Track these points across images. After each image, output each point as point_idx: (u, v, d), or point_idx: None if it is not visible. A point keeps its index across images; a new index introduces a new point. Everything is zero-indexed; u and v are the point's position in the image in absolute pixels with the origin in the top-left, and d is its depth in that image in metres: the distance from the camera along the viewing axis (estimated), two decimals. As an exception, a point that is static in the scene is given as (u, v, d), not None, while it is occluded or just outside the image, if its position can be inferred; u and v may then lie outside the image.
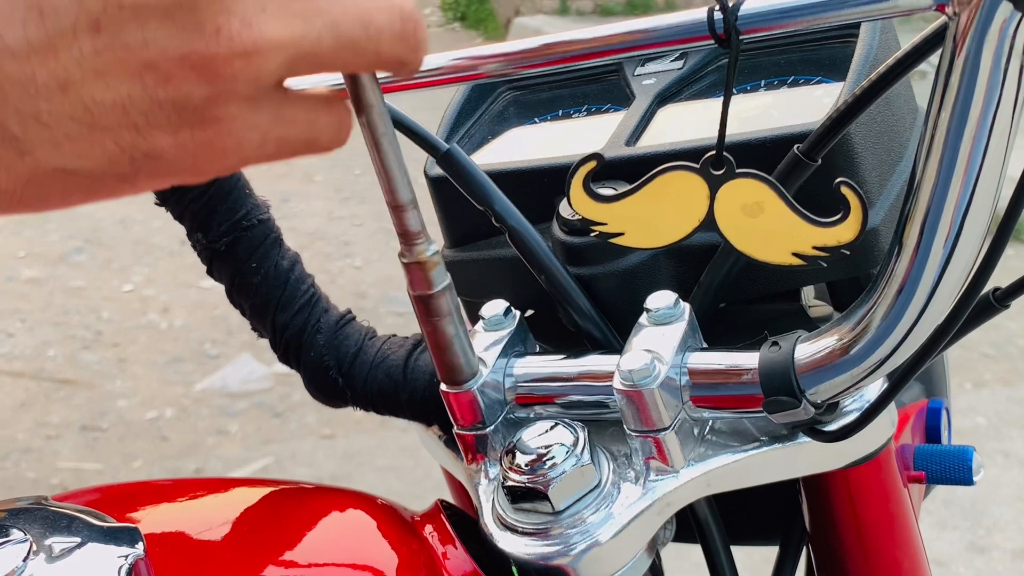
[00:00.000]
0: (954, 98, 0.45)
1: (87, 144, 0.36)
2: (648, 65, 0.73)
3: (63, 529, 0.50)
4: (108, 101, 0.35)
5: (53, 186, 0.37)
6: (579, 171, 0.53)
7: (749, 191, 0.50)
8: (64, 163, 0.36)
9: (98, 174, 0.37)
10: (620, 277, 0.62)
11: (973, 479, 0.67)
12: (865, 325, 0.50)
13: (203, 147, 0.37)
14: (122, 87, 0.35)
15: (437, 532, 0.60)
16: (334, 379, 0.65)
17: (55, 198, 0.38)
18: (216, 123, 0.37)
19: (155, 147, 0.37)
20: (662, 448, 0.56)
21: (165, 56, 0.35)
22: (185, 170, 0.38)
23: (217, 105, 0.36)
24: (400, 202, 0.50)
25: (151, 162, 0.37)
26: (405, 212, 0.50)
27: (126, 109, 0.36)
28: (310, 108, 0.40)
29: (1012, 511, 2.53)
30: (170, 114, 0.36)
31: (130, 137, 0.36)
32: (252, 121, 0.38)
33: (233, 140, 0.37)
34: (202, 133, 0.37)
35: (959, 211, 0.47)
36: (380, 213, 4.35)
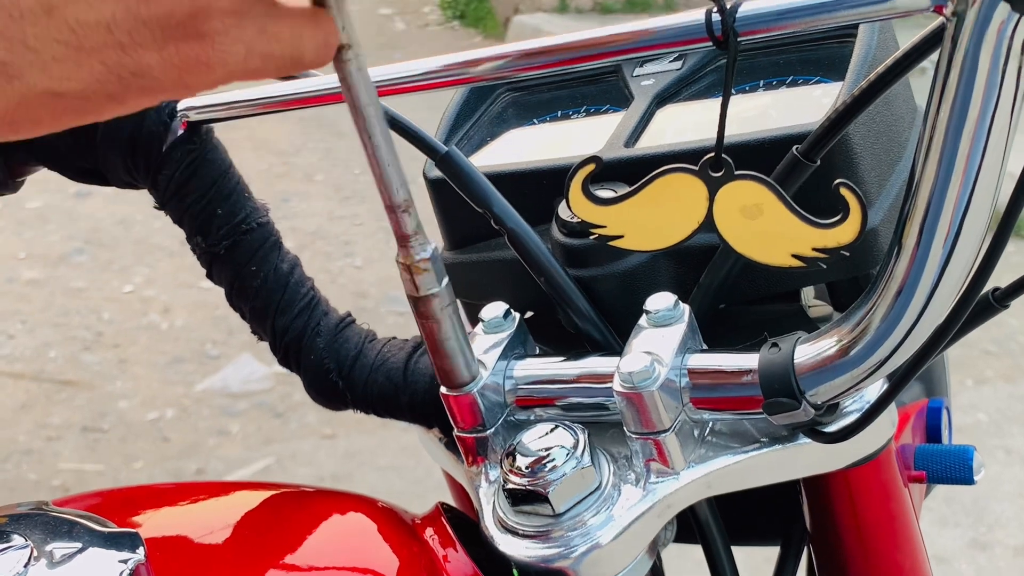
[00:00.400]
0: (952, 98, 0.45)
1: (74, 65, 0.36)
2: (647, 66, 0.73)
3: (64, 535, 0.50)
4: (92, 21, 0.36)
5: (43, 109, 0.38)
6: (578, 174, 0.53)
7: (748, 193, 0.50)
8: (53, 85, 0.37)
9: (87, 94, 0.37)
10: (619, 279, 0.62)
11: (974, 479, 0.67)
12: (865, 326, 0.50)
13: (189, 62, 0.37)
14: (105, 7, 0.36)
15: (438, 535, 0.60)
16: (334, 382, 0.65)
17: (46, 120, 0.38)
18: (200, 38, 0.37)
19: (141, 64, 0.37)
20: (662, 450, 0.56)
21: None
22: (172, 86, 0.38)
23: (200, 20, 0.37)
24: (396, 202, 0.50)
25: (138, 79, 0.37)
26: (401, 213, 0.50)
27: (110, 28, 0.36)
28: (295, 24, 0.40)
29: (1014, 508, 2.53)
30: (154, 31, 0.36)
31: (116, 56, 0.37)
32: (236, 35, 0.38)
33: (218, 54, 0.38)
34: (187, 48, 0.37)
35: (958, 211, 0.47)
36: (381, 213, 4.32)
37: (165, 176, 0.64)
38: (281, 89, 0.64)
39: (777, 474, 0.58)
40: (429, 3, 7.47)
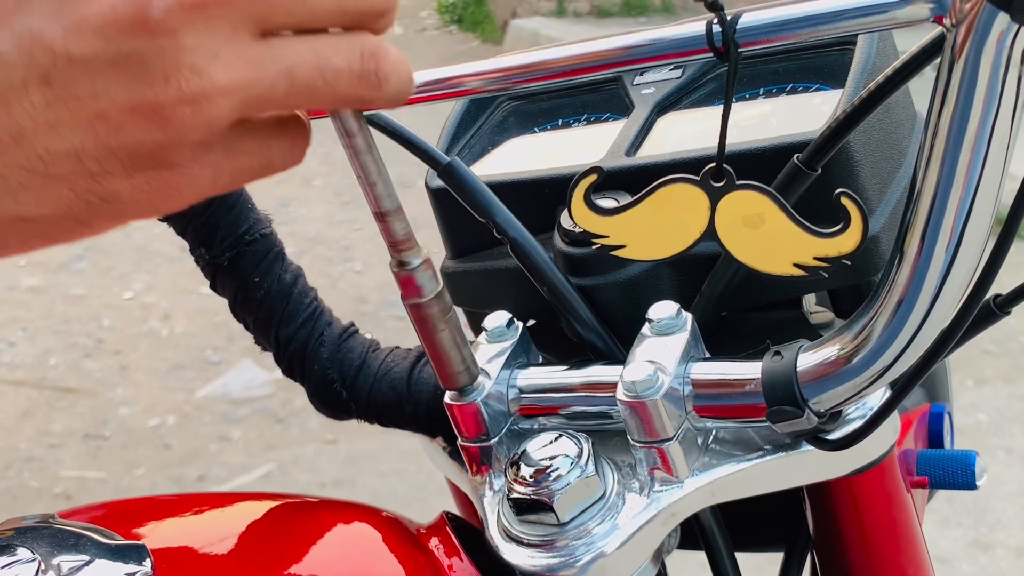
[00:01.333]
0: (953, 108, 0.45)
1: (43, 192, 0.37)
2: (647, 74, 0.73)
3: (71, 547, 0.51)
4: (62, 151, 0.36)
5: (11, 233, 0.38)
6: (580, 184, 0.53)
7: (750, 203, 0.51)
8: (20, 211, 0.37)
9: (55, 219, 0.38)
10: (622, 287, 0.63)
11: (976, 483, 0.67)
12: (867, 334, 0.51)
13: (158, 188, 0.38)
14: (75, 137, 0.36)
15: (443, 544, 0.60)
16: (338, 392, 0.65)
17: (13, 245, 0.39)
18: (169, 166, 0.37)
19: (111, 191, 0.37)
20: (666, 458, 0.56)
21: (115, 106, 0.36)
22: (141, 210, 0.38)
23: (169, 150, 0.37)
24: (385, 209, 0.50)
25: (107, 205, 0.38)
26: (391, 220, 0.50)
27: (79, 157, 0.36)
28: (262, 136, 0.40)
29: (1015, 508, 2.53)
30: (124, 160, 0.37)
31: (85, 183, 0.37)
32: (204, 160, 0.38)
33: (186, 179, 0.38)
34: (156, 175, 0.37)
35: (959, 219, 0.47)
36: (380, 217, 4.36)
37: None
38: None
39: (780, 481, 0.58)
40: (427, 7, 7.48)
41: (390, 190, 0.49)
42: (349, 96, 0.40)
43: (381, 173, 0.49)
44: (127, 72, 0.35)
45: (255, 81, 0.37)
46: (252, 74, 0.37)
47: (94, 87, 0.35)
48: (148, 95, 0.36)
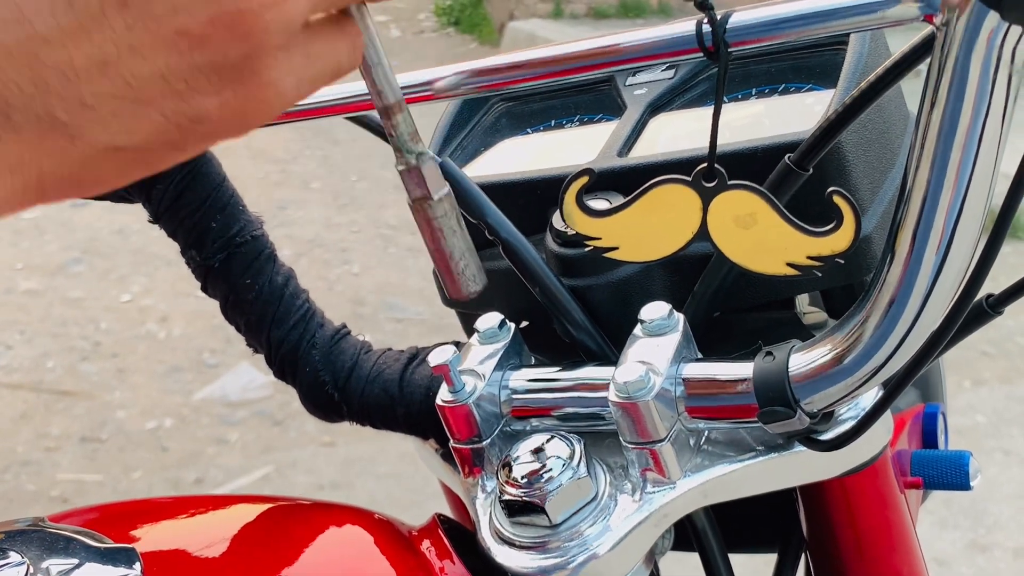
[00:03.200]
0: (944, 106, 0.45)
1: (134, 119, 0.36)
2: (639, 75, 0.73)
3: (60, 551, 0.50)
4: (147, 73, 0.36)
5: (108, 165, 0.37)
6: (572, 186, 0.53)
7: (742, 203, 0.50)
8: (114, 140, 0.36)
9: (149, 146, 0.37)
10: (614, 288, 0.62)
11: (970, 484, 0.67)
12: (859, 334, 0.51)
13: (247, 101, 0.38)
14: (159, 58, 0.36)
15: (435, 547, 0.60)
16: (330, 394, 0.65)
17: (112, 176, 0.38)
18: (255, 76, 0.37)
19: (200, 111, 0.37)
20: (658, 459, 0.56)
21: (196, 20, 0.35)
22: (231, 127, 0.38)
23: (253, 59, 0.37)
24: (389, 103, 0.49)
25: (198, 126, 0.37)
26: (395, 114, 0.50)
27: (166, 78, 0.36)
28: (329, 38, 0.41)
29: (1012, 509, 2.53)
30: (210, 76, 0.36)
31: (174, 105, 0.36)
32: (287, 67, 0.38)
33: (273, 89, 0.38)
34: (243, 89, 0.37)
35: (950, 219, 0.47)
36: (378, 219, 4.36)
37: (159, 190, 0.64)
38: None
39: (773, 482, 0.58)
40: (424, 10, 7.48)
41: (394, 83, 0.49)
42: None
43: (384, 66, 0.48)
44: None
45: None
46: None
47: (172, 4, 0.35)
48: (227, 4, 0.35)
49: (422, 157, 0.51)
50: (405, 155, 0.51)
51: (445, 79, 0.59)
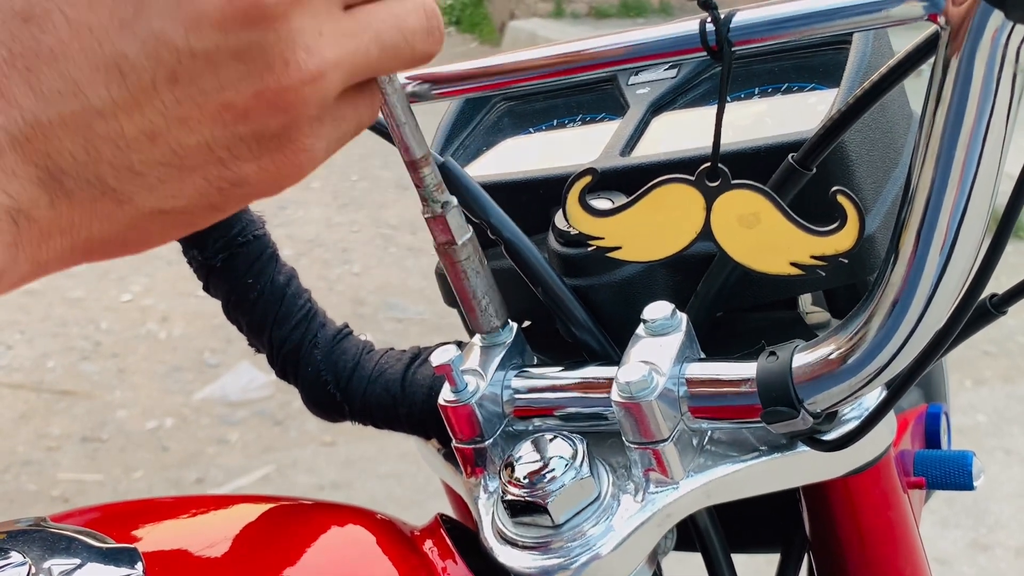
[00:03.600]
0: (948, 106, 0.45)
1: (179, 184, 0.39)
2: (642, 74, 0.73)
3: (62, 551, 0.50)
4: (193, 143, 0.38)
5: (153, 227, 0.40)
6: (575, 186, 0.53)
7: (745, 202, 0.50)
8: (160, 204, 0.39)
9: (192, 208, 0.40)
10: (617, 288, 0.62)
11: (974, 484, 0.67)
12: (862, 334, 0.50)
13: (283, 166, 0.40)
14: (204, 129, 0.38)
15: (437, 547, 0.60)
16: (332, 394, 0.65)
17: (156, 237, 0.41)
18: (291, 143, 0.40)
19: (240, 175, 0.39)
20: (661, 460, 0.56)
21: (241, 95, 0.38)
22: (267, 188, 0.41)
23: (291, 129, 0.39)
24: (415, 157, 0.54)
25: (238, 188, 0.40)
26: (421, 168, 0.54)
27: (211, 147, 0.38)
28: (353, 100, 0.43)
29: (1013, 508, 2.53)
30: (251, 145, 0.39)
31: (217, 171, 0.39)
32: (319, 133, 0.41)
33: (305, 154, 0.40)
34: (280, 155, 0.40)
35: (955, 219, 0.47)
36: (378, 219, 4.36)
37: None
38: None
39: (776, 482, 0.58)
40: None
41: (420, 138, 0.53)
42: (422, 54, 0.43)
43: (412, 124, 0.53)
44: (248, 62, 0.37)
45: (354, 51, 0.40)
46: (351, 45, 0.40)
47: (219, 80, 0.37)
48: (270, 81, 0.38)
49: (447, 206, 0.56)
50: (431, 204, 0.56)
51: (448, 78, 0.59)
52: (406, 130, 0.53)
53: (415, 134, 0.54)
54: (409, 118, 0.53)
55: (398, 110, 0.52)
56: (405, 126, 0.53)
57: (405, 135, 0.53)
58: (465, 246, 0.58)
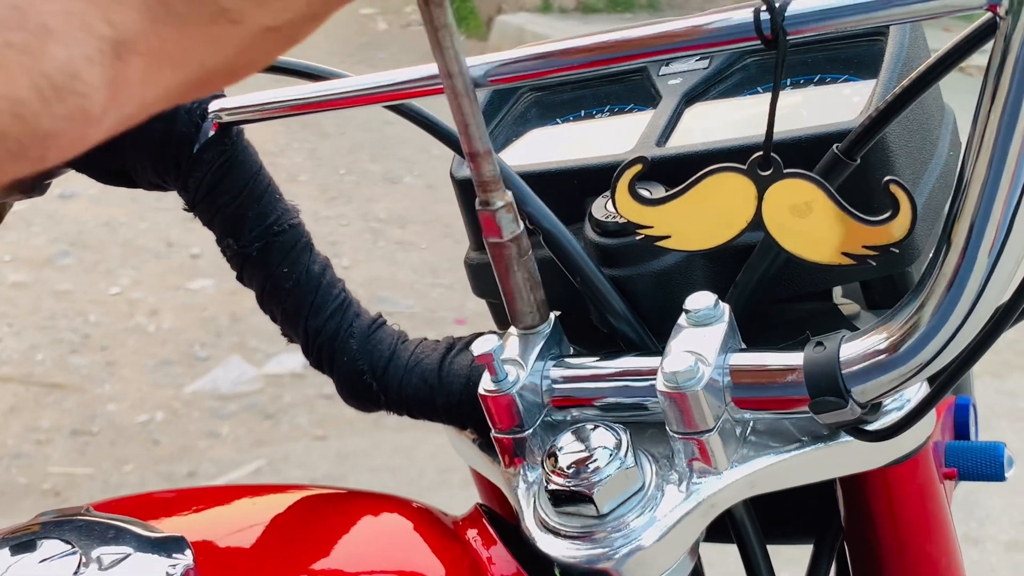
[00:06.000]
0: (1005, 98, 0.45)
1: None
2: (672, 65, 0.73)
3: (110, 540, 0.50)
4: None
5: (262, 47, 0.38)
6: (624, 174, 0.53)
7: (798, 191, 0.50)
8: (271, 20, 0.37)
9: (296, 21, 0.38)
10: (655, 278, 0.62)
11: (1005, 475, 0.67)
12: (913, 323, 0.50)
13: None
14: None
15: (480, 536, 0.60)
16: (368, 383, 0.64)
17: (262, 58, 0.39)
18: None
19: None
20: (705, 450, 0.56)
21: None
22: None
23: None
24: (477, 150, 0.54)
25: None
26: (481, 160, 0.55)
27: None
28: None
29: (1004, 503, 2.54)
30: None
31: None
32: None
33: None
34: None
35: (1008, 210, 0.47)
36: (367, 213, 4.35)
37: (196, 178, 0.63)
38: (312, 91, 0.64)
39: (818, 473, 0.58)
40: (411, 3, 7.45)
41: (482, 131, 0.54)
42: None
43: (476, 116, 0.53)
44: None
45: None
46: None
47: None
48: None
49: (503, 200, 0.57)
50: (489, 197, 0.57)
51: (494, 67, 0.59)
52: (472, 121, 0.53)
53: (479, 126, 0.54)
54: (476, 109, 0.53)
55: (465, 100, 0.52)
56: (471, 117, 0.53)
57: (471, 127, 0.53)
58: (514, 242, 0.58)
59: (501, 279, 0.60)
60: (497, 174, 0.56)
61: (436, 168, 4.51)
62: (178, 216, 0.81)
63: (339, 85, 0.63)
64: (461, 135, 0.54)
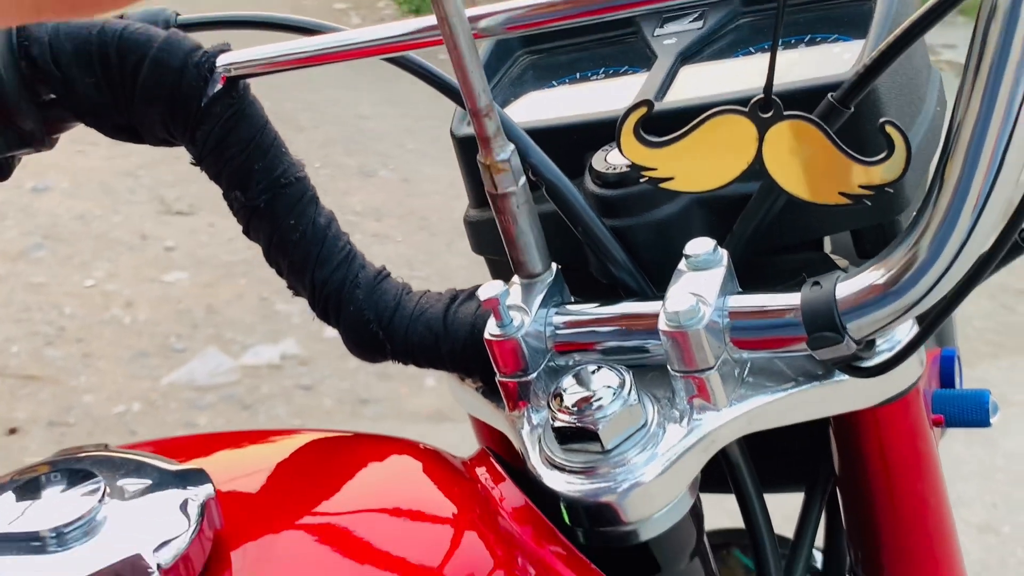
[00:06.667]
0: (996, 41, 0.47)
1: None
2: (667, 26, 0.74)
3: (133, 472, 0.51)
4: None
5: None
6: (629, 118, 0.55)
7: (797, 133, 0.52)
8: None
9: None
10: (654, 228, 0.64)
11: (990, 420, 0.69)
12: (908, 259, 0.52)
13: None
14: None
15: (490, 474, 0.61)
16: (375, 333, 0.66)
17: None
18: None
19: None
20: (705, 387, 0.58)
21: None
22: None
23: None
24: (479, 107, 0.56)
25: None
26: (483, 117, 0.57)
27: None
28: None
29: (975, 487, 2.58)
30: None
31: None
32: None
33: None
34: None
35: (999, 148, 0.49)
36: (342, 206, 4.34)
37: (204, 131, 0.65)
38: (318, 43, 0.65)
39: (812, 411, 0.60)
40: (384, -2, 7.45)
41: (484, 83, 0.55)
42: None
43: (478, 73, 0.55)
44: None
45: None
46: None
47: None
48: None
49: (505, 153, 0.59)
50: (489, 153, 0.58)
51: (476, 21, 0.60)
52: (473, 74, 0.55)
53: (481, 79, 0.55)
54: (476, 62, 0.54)
55: (465, 52, 0.54)
56: (472, 70, 0.54)
57: (472, 80, 0.55)
58: (515, 195, 0.60)
59: (504, 230, 0.62)
60: (499, 125, 0.58)
61: (411, 162, 4.52)
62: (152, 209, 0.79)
63: (342, 38, 0.65)
64: (462, 86, 0.55)
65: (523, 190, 0.60)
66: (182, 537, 0.48)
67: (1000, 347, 3.32)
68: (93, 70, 0.64)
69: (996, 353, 3.30)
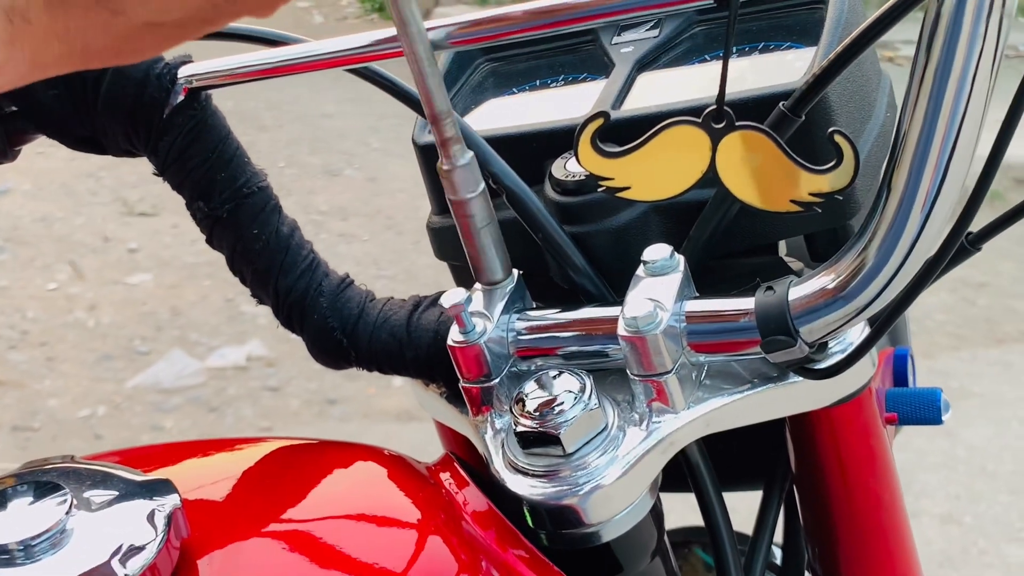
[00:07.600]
0: (940, 49, 0.49)
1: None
2: (624, 34, 0.76)
3: (99, 483, 0.52)
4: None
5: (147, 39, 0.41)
6: (587, 128, 0.56)
7: (749, 142, 0.54)
8: (153, 18, 0.40)
9: (184, 22, 0.41)
10: (613, 234, 0.65)
11: (942, 419, 0.71)
12: (857, 265, 0.54)
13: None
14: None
15: (453, 478, 0.62)
16: (339, 340, 0.66)
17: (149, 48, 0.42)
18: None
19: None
20: (664, 391, 0.59)
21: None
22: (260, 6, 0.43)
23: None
24: (438, 115, 0.57)
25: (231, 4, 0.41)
26: (443, 122, 0.57)
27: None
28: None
29: (938, 478, 2.62)
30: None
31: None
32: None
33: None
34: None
35: (943, 155, 0.50)
36: (308, 205, 4.33)
37: (166, 143, 0.65)
38: (280, 54, 0.66)
39: (768, 411, 0.62)
40: (347, -4, 7.42)
41: (443, 92, 0.56)
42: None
43: (436, 78, 0.56)
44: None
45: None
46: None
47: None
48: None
49: (465, 159, 0.59)
50: (451, 157, 0.59)
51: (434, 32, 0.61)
52: (432, 82, 0.55)
53: (439, 87, 0.56)
54: (435, 70, 0.55)
55: (424, 62, 0.55)
56: (431, 78, 0.55)
57: (431, 87, 0.56)
58: (475, 200, 0.60)
59: (465, 237, 0.62)
60: (459, 133, 0.59)
61: (376, 161, 4.51)
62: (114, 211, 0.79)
63: (303, 49, 0.65)
64: (422, 96, 0.56)
65: (483, 197, 0.61)
66: (149, 547, 0.49)
67: (961, 339, 3.37)
68: (55, 82, 0.65)
69: (957, 345, 3.35)
